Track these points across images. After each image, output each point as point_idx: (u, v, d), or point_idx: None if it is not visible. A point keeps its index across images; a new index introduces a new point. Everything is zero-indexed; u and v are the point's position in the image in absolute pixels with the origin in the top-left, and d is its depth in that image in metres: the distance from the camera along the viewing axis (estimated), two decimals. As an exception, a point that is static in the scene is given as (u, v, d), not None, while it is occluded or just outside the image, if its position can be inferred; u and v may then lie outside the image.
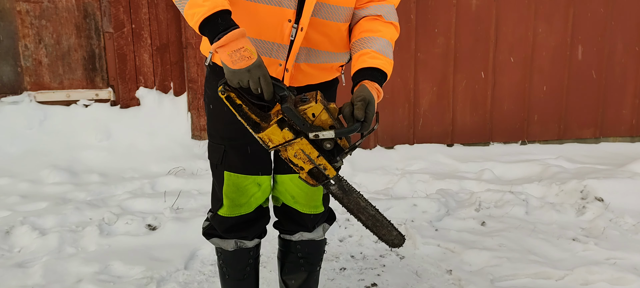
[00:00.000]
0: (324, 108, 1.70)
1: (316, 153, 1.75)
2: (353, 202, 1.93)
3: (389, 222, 2.00)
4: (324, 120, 1.71)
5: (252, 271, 2.27)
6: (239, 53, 1.65)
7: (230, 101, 1.74)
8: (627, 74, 4.91)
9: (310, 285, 2.34)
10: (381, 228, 2.00)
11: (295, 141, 1.73)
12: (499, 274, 2.90)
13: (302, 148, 1.74)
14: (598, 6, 4.75)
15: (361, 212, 1.96)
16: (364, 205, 1.95)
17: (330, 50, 1.96)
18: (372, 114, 1.73)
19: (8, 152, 4.39)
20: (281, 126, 1.72)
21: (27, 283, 2.80)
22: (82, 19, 4.65)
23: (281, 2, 1.82)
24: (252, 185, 2.06)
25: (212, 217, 2.16)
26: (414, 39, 4.64)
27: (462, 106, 4.81)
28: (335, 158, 1.77)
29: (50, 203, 3.68)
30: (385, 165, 4.45)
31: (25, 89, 4.69)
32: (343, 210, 3.54)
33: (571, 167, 4.31)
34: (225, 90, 1.72)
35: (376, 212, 1.97)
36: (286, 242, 2.27)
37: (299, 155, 1.76)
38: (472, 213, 3.61)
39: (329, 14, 1.88)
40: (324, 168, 1.78)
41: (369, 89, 1.78)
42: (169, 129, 4.70)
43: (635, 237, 3.28)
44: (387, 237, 2.03)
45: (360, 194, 1.93)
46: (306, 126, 1.71)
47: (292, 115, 1.70)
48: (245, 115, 1.75)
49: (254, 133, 1.76)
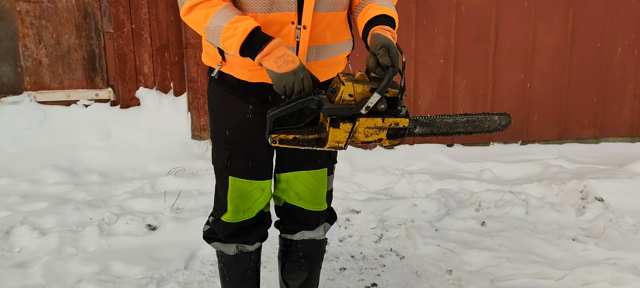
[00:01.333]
0: (353, 82, 1.74)
1: (380, 120, 1.78)
2: (442, 126, 1.94)
3: (485, 114, 1.99)
4: (361, 91, 1.75)
5: (253, 273, 2.27)
6: (283, 59, 1.74)
7: (284, 142, 1.80)
8: (627, 74, 4.91)
9: (311, 284, 2.34)
10: (483, 124, 1.98)
11: (356, 126, 1.77)
12: (499, 274, 2.90)
13: (367, 125, 1.78)
14: (598, 6, 4.75)
15: (457, 127, 1.96)
16: (453, 121, 1.95)
17: (336, 42, 1.99)
18: (396, 54, 1.75)
19: (8, 152, 4.39)
20: (335, 125, 1.77)
21: (27, 283, 2.80)
22: (82, 19, 4.65)
23: (282, 7, 1.84)
24: (257, 190, 2.07)
25: (214, 222, 2.16)
26: (414, 39, 4.65)
27: (462, 106, 4.81)
28: (396, 109, 1.79)
29: (50, 203, 3.68)
30: (385, 165, 4.45)
31: (25, 89, 4.69)
32: (343, 210, 3.56)
33: (571, 167, 4.32)
34: (274, 138, 1.79)
35: (467, 116, 1.97)
36: (287, 241, 2.27)
37: (369, 132, 1.79)
38: (472, 213, 3.61)
39: (329, 5, 1.90)
40: (396, 124, 1.80)
41: (383, 34, 1.80)
42: (169, 129, 4.70)
43: (635, 237, 3.28)
44: (492, 127, 2.01)
45: (443, 116, 1.94)
46: (353, 108, 1.75)
47: (335, 110, 1.75)
48: (303, 141, 1.81)
49: (322, 148, 1.81)
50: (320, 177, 2.12)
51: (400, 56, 1.76)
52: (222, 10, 1.78)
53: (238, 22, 1.74)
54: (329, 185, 2.17)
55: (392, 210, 3.59)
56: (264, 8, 1.84)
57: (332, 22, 1.94)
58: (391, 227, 3.45)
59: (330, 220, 2.29)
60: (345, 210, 3.58)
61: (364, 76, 1.77)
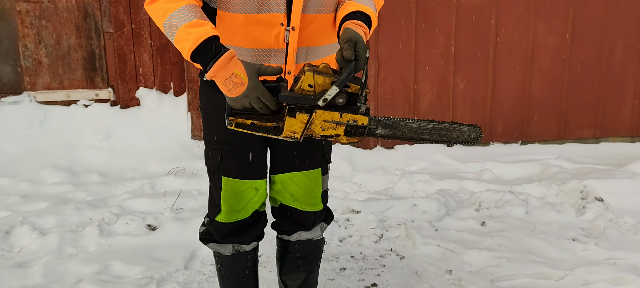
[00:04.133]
0: (314, 72, 1.71)
1: (337, 114, 1.75)
2: (406, 130, 1.89)
3: (454, 123, 1.92)
4: (322, 82, 1.71)
5: (251, 273, 2.26)
6: (232, 81, 1.69)
7: (241, 126, 1.76)
8: (627, 74, 4.91)
9: (310, 285, 2.33)
10: (451, 133, 1.92)
11: (312, 118, 1.74)
12: (499, 274, 2.90)
13: (323, 118, 1.75)
14: (598, 6, 4.75)
15: (422, 133, 1.90)
16: (418, 126, 1.89)
17: (326, 44, 1.97)
18: (362, 49, 1.71)
19: (8, 152, 4.39)
20: (292, 114, 1.74)
21: (27, 283, 2.80)
22: (82, 19, 4.65)
23: (271, 8, 1.84)
24: (250, 190, 2.06)
25: (209, 223, 2.16)
26: (414, 39, 4.65)
27: (462, 106, 4.81)
28: (356, 106, 1.76)
29: (50, 203, 3.68)
30: (385, 165, 4.45)
31: (25, 89, 4.69)
32: (343, 210, 3.56)
33: (571, 167, 4.32)
34: (231, 121, 1.75)
35: (434, 123, 1.91)
36: (284, 242, 2.27)
37: (326, 125, 1.76)
38: (472, 213, 3.61)
39: (317, 6, 1.90)
40: (354, 121, 1.77)
41: (353, 28, 1.77)
42: (169, 129, 4.70)
43: (635, 237, 3.28)
44: (462, 138, 1.94)
45: (407, 119, 1.89)
46: (310, 99, 1.71)
47: (292, 99, 1.71)
48: (261, 128, 1.77)
49: (278, 137, 1.77)
50: (314, 178, 2.11)
51: (366, 52, 1.73)
52: (183, 9, 1.74)
53: (194, 27, 1.70)
54: (323, 185, 2.16)
55: (392, 210, 3.59)
56: (253, 9, 1.83)
57: (322, 24, 1.93)
58: (391, 227, 3.45)
59: (327, 220, 2.29)
60: (345, 210, 3.58)
61: (328, 68, 1.73)
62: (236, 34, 1.87)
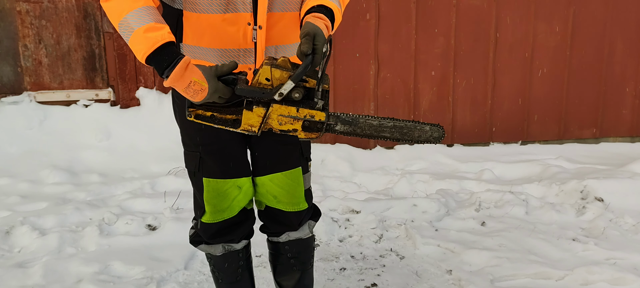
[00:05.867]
0: (272, 66, 1.70)
1: (294, 109, 1.74)
2: (366, 127, 1.87)
3: (415, 121, 1.91)
4: (279, 76, 1.71)
5: (245, 272, 2.25)
6: (192, 88, 1.69)
7: (201, 118, 1.76)
8: (627, 73, 4.91)
9: (306, 283, 2.32)
10: (413, 132, 1.91)
11: (269, 112, 1.73)
12: (499, 274, 2.90)
13: (280, 113, 1.74)
14: (598, 6, 4.75)
15: (382, 131, 1.88)
16: (378, 124, 1.87)
17: (294, 42, 1.96)
18: (320, 43, 1.70)
19: (8, 152, 4.39)
20: (250, 108, 1.73)
21: (27, 283, 2.80)
22: (82, 19, 4.65)
23: (237, 8, 1.84)
24: (233, 188, 2.05)
25: (196, 225, 2.17)
26: (414, 39, 4.65)
27: (462, 106, 4.82)
28: (313, 101, 1.75)
29: (50, 203, 3.68)
30: (385, 166, 4.45)
31: (25, 89, 4.69)
32: (343, 210, 3.56)
33: (571, 167, 4.32)
34: (191, 112, 1.75)
35: (395, 121, 1.89)
36: (274, 244, 2.26)
37: (283, 120, 1.75)
38: (472, 213, 3.61)
39: (283, 5, 1.90)
40: (312, 117, 1.76)
41: (313, 22, 1.77)
42: (169, 129, 4.69)
43: (635, 237, 3.28)
44: (424, 137, 1.92)
45: (367, 116, 1.87)
46: (266, 92, 1.71)
47: (248, 92, 1.71)
48: (220, 120, 1.77)
49: (236, 129, 1.76)
50: (295, 177, 2.10)
51: (327, 45, 1.71)
52: (140, 10, 1.71)
53: (150, 31, 1.68)
54: (306, 183, 2.15)
55: (392, 210, 3.59)
56: (220, 9, 1.83)
57: (289, 22, 1.93)
58: (391, 227, 3.45)
59: (315, 217, 2.27)
60: (345, 210, 3.58)
61: (287, 62, 1.73)
62: (203, 34, 1.86)
